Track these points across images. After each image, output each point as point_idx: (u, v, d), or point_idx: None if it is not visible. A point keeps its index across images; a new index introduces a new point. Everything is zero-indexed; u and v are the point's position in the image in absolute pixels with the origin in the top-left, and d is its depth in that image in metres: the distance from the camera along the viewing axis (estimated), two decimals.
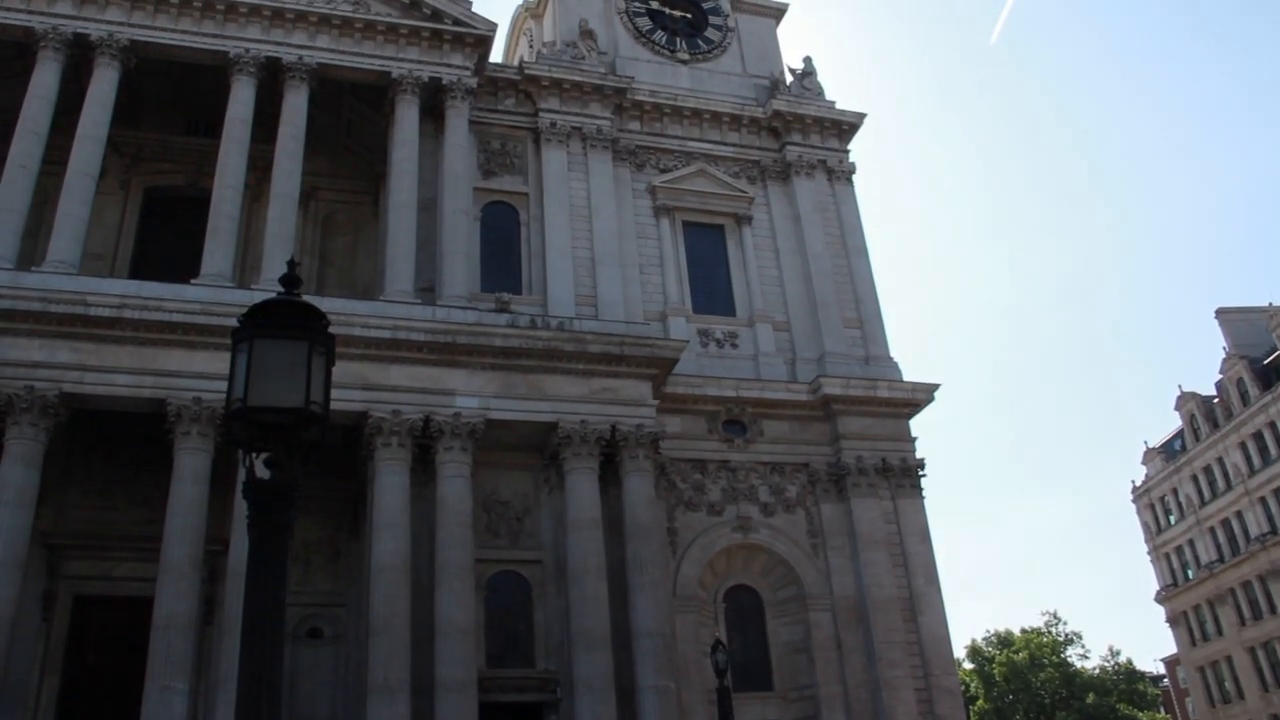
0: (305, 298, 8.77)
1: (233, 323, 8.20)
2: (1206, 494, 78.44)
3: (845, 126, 38.75)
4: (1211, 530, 77.60)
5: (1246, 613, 73.22)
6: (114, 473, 28.72)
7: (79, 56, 30.45)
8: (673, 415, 30.68)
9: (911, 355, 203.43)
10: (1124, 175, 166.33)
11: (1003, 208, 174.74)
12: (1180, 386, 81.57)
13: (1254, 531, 72.29)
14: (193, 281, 27.44)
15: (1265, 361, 72.87)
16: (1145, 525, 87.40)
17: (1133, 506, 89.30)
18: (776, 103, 37.92)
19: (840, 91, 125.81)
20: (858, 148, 39.34)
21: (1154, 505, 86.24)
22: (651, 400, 29.45)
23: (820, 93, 39.51)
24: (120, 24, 30.68)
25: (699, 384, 31.62)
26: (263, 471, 8.13)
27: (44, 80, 29.62)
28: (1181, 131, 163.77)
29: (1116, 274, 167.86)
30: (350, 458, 27.69)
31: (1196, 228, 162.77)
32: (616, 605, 26.92)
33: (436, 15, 33.21)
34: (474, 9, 33.95)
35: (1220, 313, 78.29)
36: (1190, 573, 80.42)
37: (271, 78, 31.55)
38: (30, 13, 30.16)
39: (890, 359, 34.54)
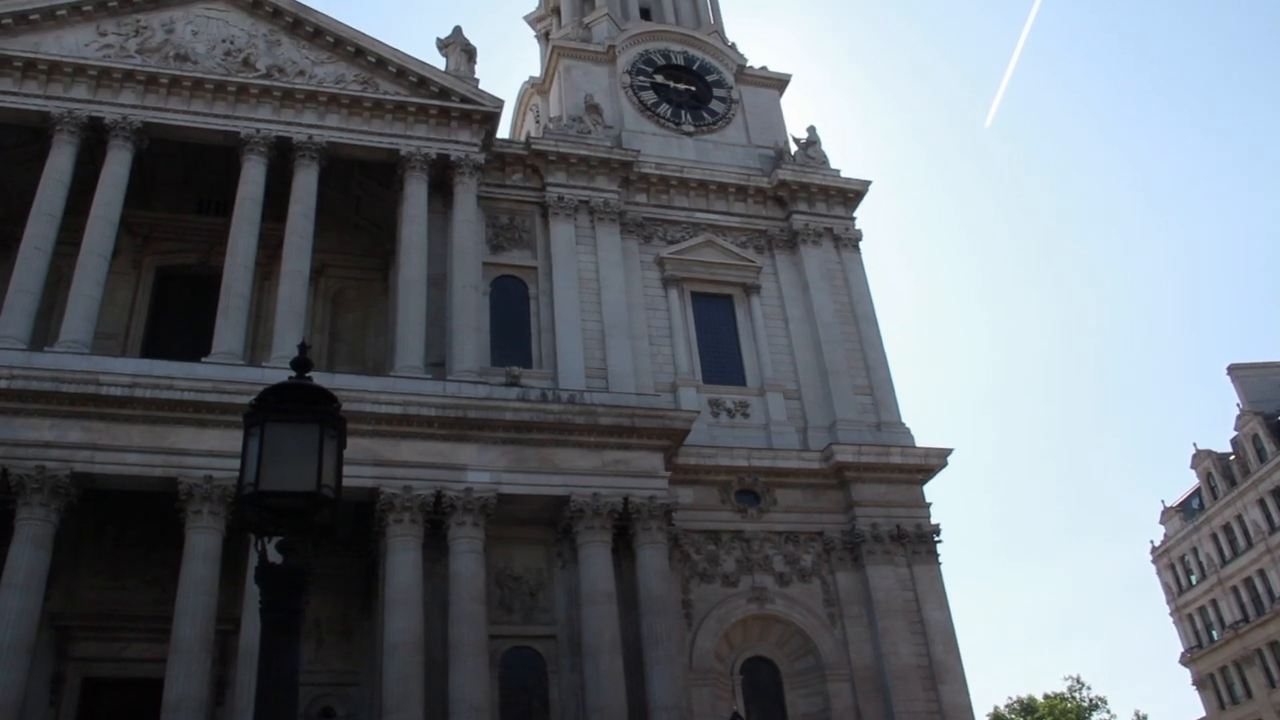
0: (316, 375, 8.82)
1: (244, 400, 8.24)
2: (1227, 553, 77.36)
3: (851, 194, 39.01)
4: (1234, 590, 76.41)
5: (1275, 674, 71.74)
6: (124, 552, 28.65)
7: (93, 139, 30.94)
8: (685, 486, 30.55)
9: (923, 420, 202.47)
10: (1128, 240, 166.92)
11: (1009, 273, 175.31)
12: (1195, 444, 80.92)
13: (1278, 590, 71.23)
14: (204, 360, 27.58)
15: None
16: (1166, 586, 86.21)
17: (1153, 567, 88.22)
18: (782, 172, 38.24)
19: (842, 160, 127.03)
20: (863, 215, 39.64)
21: (1174, 565, 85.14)
22: (664, 472, 29.34)
23: (825, 161, 39.83)
24: (134, 106, 31.20)
25: (711, 454, 31.50)
26: (275, 556, 8.09)
27: (59, 163, 30.06)
28: (1180, 195, 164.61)
29: (1127, 334, 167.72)
30: (362, 534, 27.56)
31: (1203, 286, 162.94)
32: (632, 680, 26.57)
33: (444, 93, 33.70)
34: (480, 86, 34.45)
35: (1233, 369, 77.83)
36: (1215, 634, 79.07)
37: (282, 157, 31.96)
38: (47, 98, 30.72)
39: (902, 425, 34.41)
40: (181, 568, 24.88)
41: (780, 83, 43.91)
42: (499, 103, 34.11)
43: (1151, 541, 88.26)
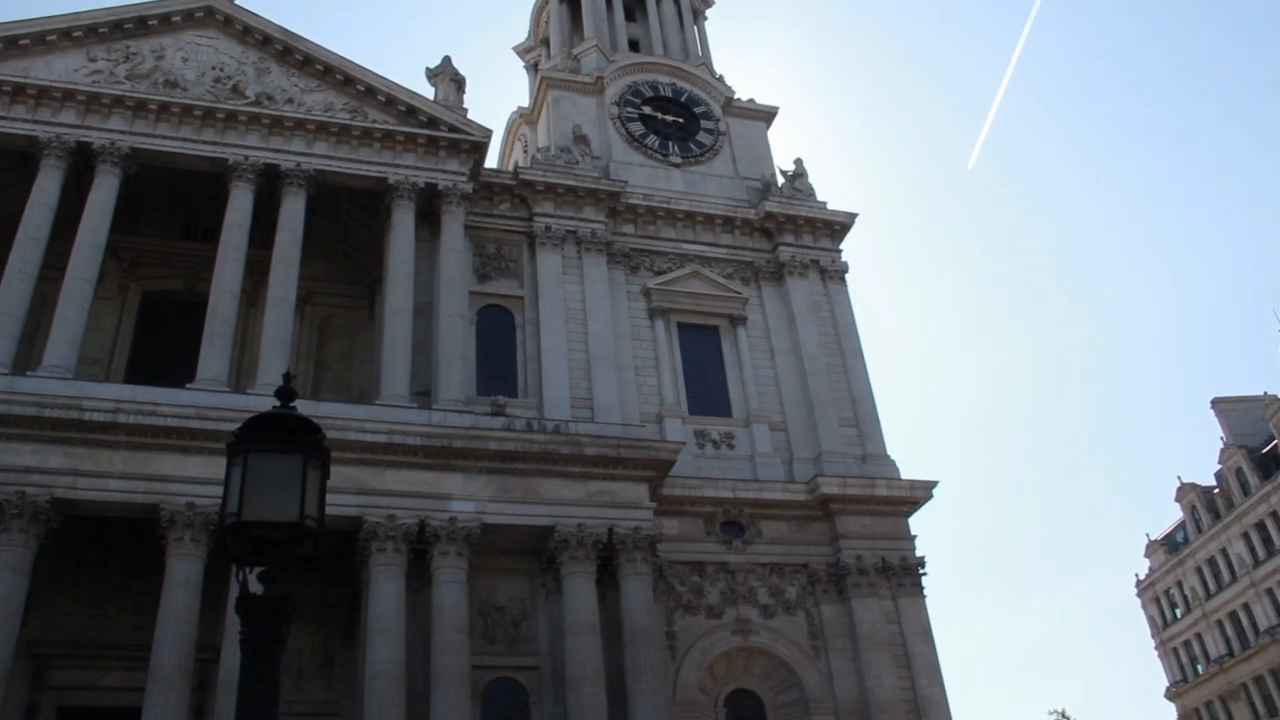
0: (300, 403, 8.80)
1: (228, 427, 8.27)
2: (1212, 586, 77.44)
3: (837, 226, 39.18)
4: (1219, 623, 76.46)
5: (1261, 708, 71.62)
6: (104, 579, 28.38)
7: (80, 164, 30.91)
8: (670, 517, 30.47)
9: (908, 453, 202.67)
10: (1111, 275, 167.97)
11: (994, 306, 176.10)
12: (1180, 478, 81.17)
13: (1263, 624, 71.29)
14: (188, 386, 27.47)
15: (1264, 451, 72.61)
16: (1151, 619, 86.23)
17: (1137, 600, 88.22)
18: (769, 204, 38.41)
19: (829, 192, 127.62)
20: (849, 246, 39.79)
21: (1159, 599, 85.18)
22: (648, 503, 29.27)
23: (811, 194, 40.03)
24: (122, 132, 31.20)
25: (696, 485, 31.47)
26: (256, 586, 8.05)
27: (46, 187, 30.00)
28: (1163, 230, 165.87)
29: (1111, 367, 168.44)
30: (345, 563, 27.38)
31: (1187, 320, 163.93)
32: (615, 712, 26.38)
33: (433, 122, 33.80)
34: (469, 116, 34.58)
35: (1216, 403, 78.16)
36: (1200, 667, 79.08)
37: (269, 184, 31.97)
38: (35, 122, 30.70)
39: (887, 457, 34.44)
40: (162, 595, 24.67)
41: (768, 115, 44.19)
42: (487, 132, 34.23)
43: (1136, 575, 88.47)
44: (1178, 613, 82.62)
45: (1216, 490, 77.29)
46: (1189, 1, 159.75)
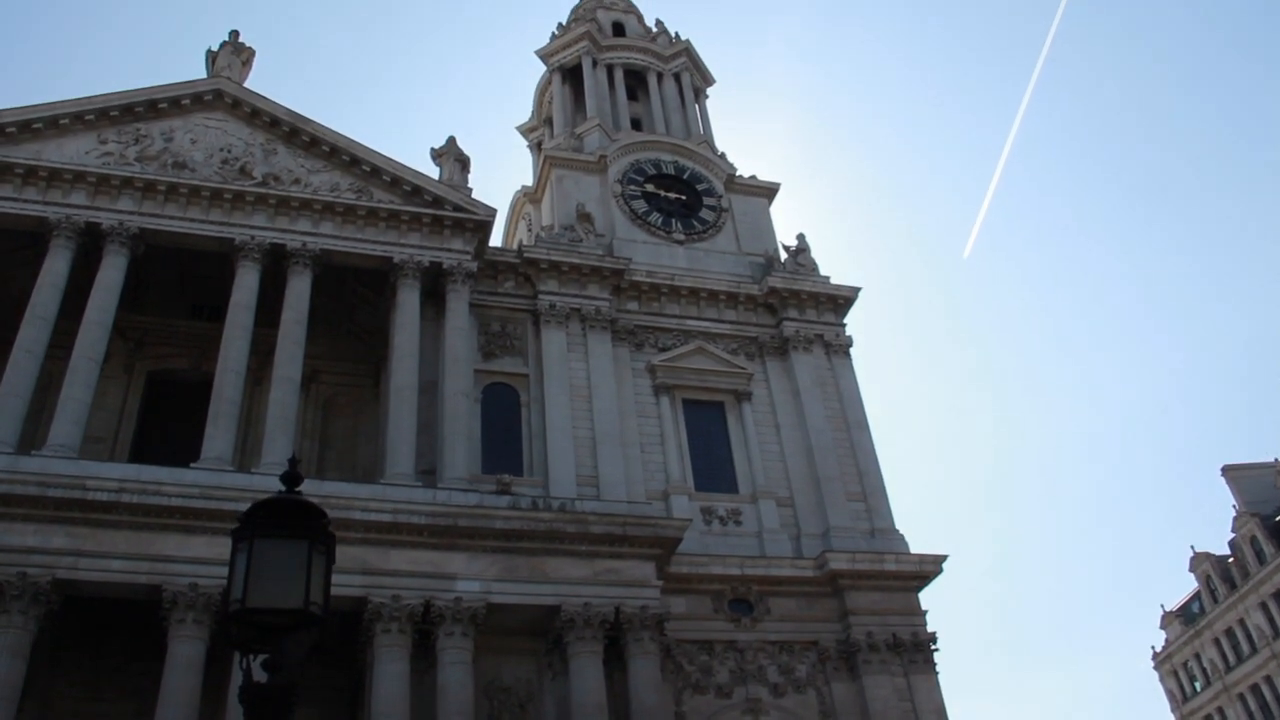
0: (305, 482, 8.73)
1: (232, 506, 8.25)
2: (1231, 658, 75.90)
3: (840, 300, 39.29)
4: (1241, 697, 74.65)
5: None
6: (104, 662, 27.96)
7: (89, 244, 31.14)
8: (677, 595, 30.12)
9: (917, 526, 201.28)
10: (1118, 343, 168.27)
11: (1001, 377, 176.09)
12: (1193, 547, 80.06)
13: None
14: (193, 465, 27.36)
15: (1277, 518, 71.75)
16: (1170, 693, 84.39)
17: (1155, 673, 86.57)
18: (772, 279, 38.55)
19: (832, 266, 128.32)
20: (853, 319, 39.88)
21: (1177, 672, 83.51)
22: (655, 581, 28.98)
23: (814, 268, 40.21)
24: (131, 213, 31.50)
25: (703, 563, 31.17)
26: (260, 674, 7.93)
27: (55, 268, 30.20)
28: (1170, 299, 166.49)
29: (1119, 436, 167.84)
30: (348, 644, 27.04)
31: (1194, 387, 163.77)
32: None
33: (438, 202, 34.12)
34: (474, 195, 34.92)
35: (1227, 470, 77.42)
36: None
37: (275, 263, 32.18)
38: (45, 203, 31.01)
39: (896, 531, 34.15)
40: (163, 678, 24.26)
41: (769, 191, 44.57)
42: (492, 212, 34.53)
43: (1153, 647, 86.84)
44: (1197, 686, 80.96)
45: (1231, 559, 76.21)
46: (1176, 88, 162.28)
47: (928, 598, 33.52)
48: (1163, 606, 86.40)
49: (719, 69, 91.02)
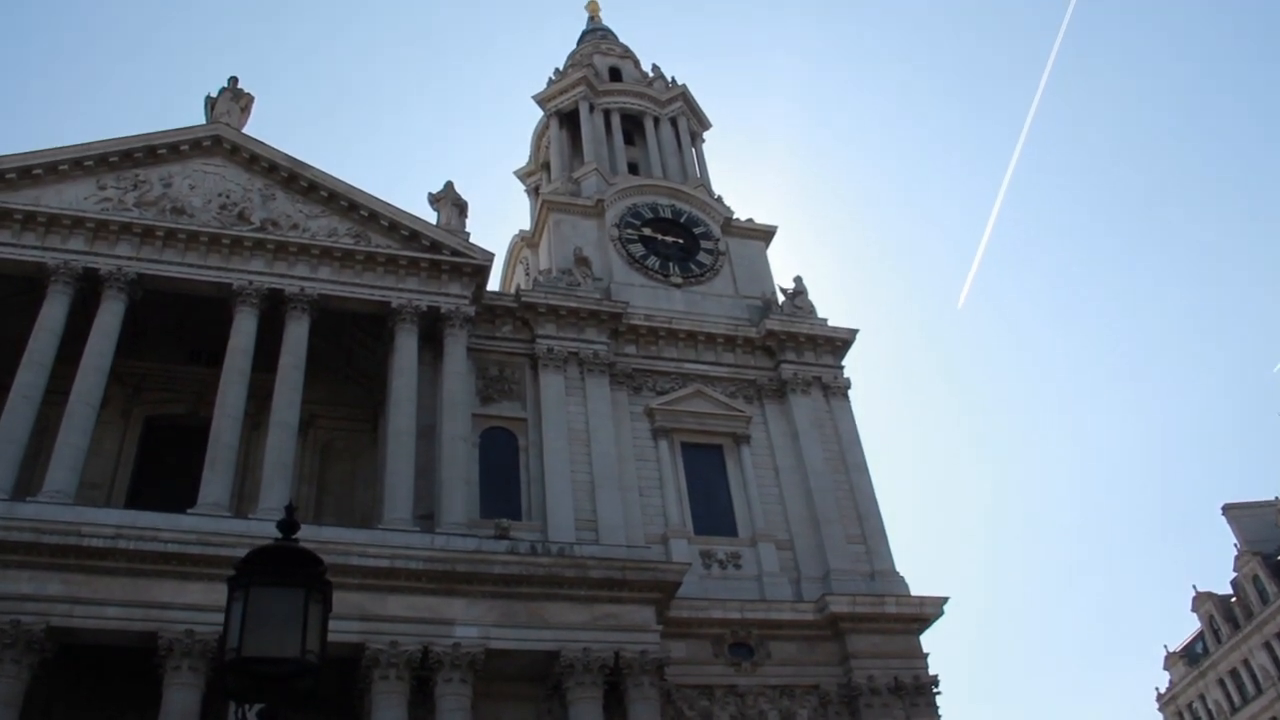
0: (303, 527, 8.67)
1: (229, 552, 8.21)
2: (1236, 699, 75.15)
3: (838, 343, 39.33)
4: None
5: None
6: (98, 711, 27.56)
7: (87, 289, 31.17)
8: (677, 640, 29.91)
9: (918, 568, 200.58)
10: (1118, 383, 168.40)
11: (1000, 418, 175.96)
12: (1195, 587, 79.69)
13: None
14: (189, 511, 27.21)
15: (1279, 557, 71.48)
16: None
17: (1159, 715, 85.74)
18: (770, 322, 38.60)
19: (829, 309, 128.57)
20: (851, 361, 39.87)
21: (1182, 713, 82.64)
22: (655, 625, 28.78)
23: (812, 311, 40.26)
24: (129, 258, 31.56)
25: (703, 607, 30.97)
26: None
27: (52, 313, 30.22)
28: (1167, 338, 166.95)
29: (1120, 475, 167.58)
30: (345, 692, 26.76)
31: (1192, 426, 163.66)
32: None
33: (435, 246, 34.21)
34: (471, 239, 35.04)
35: (1228, 509, 77.22)
36: None
37: (273, 308, 32.20)
38: (44, 249, 31.07)
39: (896, 573, 33.97)
40: None
41: (766, 234, 44.74)
42: (489, 256, 34.62)
43: (1157, 688, 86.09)
44: None
45: (1234, 599, 75.80)
46: (1169, 135, 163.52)
47: (929, 640, 33.38)
48: (1166, 647, 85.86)
49: (716, 114, 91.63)
